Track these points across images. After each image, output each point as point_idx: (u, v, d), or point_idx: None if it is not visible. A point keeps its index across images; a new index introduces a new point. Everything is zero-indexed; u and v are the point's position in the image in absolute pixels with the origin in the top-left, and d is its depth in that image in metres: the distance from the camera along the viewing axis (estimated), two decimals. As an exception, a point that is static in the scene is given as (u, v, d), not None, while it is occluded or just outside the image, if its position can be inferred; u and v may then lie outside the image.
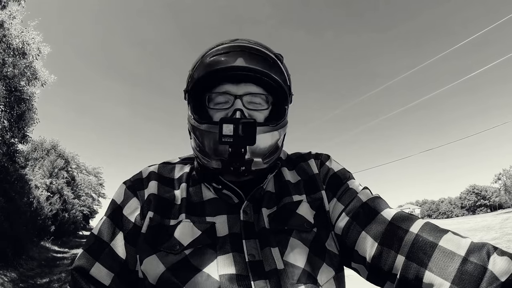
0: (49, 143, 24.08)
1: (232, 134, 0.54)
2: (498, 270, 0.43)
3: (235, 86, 0.61)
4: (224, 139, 0.54)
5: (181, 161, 0.72)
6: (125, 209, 0.62)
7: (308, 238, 0.60)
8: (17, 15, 8.95)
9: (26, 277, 8.19)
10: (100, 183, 40.92)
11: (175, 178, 0.67)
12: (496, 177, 59.61)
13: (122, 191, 0.65)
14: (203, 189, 0.65)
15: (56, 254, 13.30)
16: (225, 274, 0.53)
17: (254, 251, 0.56)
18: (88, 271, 0.58)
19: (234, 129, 0.54)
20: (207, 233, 0.57)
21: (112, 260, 0.59)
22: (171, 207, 0.62)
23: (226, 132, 0.54)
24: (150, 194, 0.63)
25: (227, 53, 0.61)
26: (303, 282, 0.54)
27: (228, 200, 0.63)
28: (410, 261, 0.50)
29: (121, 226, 0.61)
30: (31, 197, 13.31)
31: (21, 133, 10.14)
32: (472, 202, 76.48)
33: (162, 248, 0.56)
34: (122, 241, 0.60)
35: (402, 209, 0.59)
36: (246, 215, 0.60)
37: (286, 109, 0.67)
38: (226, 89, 0.62)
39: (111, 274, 0.58)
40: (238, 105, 0.60)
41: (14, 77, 9.02)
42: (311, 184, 0.67)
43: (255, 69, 0.60)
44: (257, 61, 0.61)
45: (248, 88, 0.62)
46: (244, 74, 0.61)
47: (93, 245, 0.60)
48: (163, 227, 0.59)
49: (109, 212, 0.63)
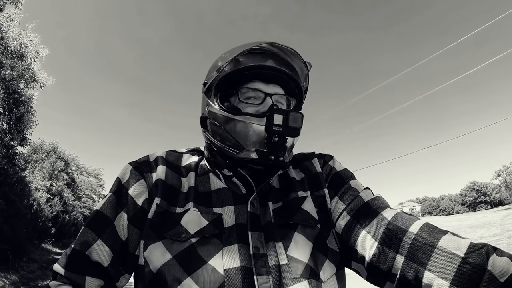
0: (49, 145, 24.07)
1: (281, 124, 0.57)
2: (497, 270, 0.43)
3: (266, 85, 0.64)
4: (274, 128, 0.57)
5: (189, 152, 0.72)
6: (131, 189, 0.60)
7: (313, 233, 0.60)
8: (14, 18, 8.94)
9: (27, 280, 8.20)
10: (100, 184, 40.91)
11: (183, 166, 0.67)
12: (496, 174, 59.66)
13: (127, 170, 0.63)
14: (211, 178, 0.65)
15: (57, 256, 13.29)
16: (231, 268, 0.53)
17: (258, 243, 0.56)
18: (87, 248, 0.56)
19: (283, 119, 0.57)
20: (214, 223, 0.57)
21: (114, 238, 0.57)
22: (178, 194, 0.61)
23: (276, 121, 0.57)
24: (158, 179, 0.61)
25: (261, 53, 0.64)
26: (306, 277, 0.54)
27: (236, 190, 0.63)
28: (409, 261, 0.50)
29: (125, 206, 0.59)
30: (31, 199, 13.32)
31: (20, 136, 10.13)
32: (473, 199, 76.68)
33: (168, 235, 0.56)
34: (126, 221, 0.58)
35: (402, 206, 0.61)
36: (253, 207, 0.61)
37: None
38: (257, 86, 0.64)
39: (111, 253, 0.57)
40: (271, 102, 0.63)
41: (13, 79, 9.01)
42: (315, 181, 0.68)
43: (286, 72, 0.64)
44: (287, 65, 0.65)
45: (276, 89, 0.65)
46: (275, 75, 0.64)
47: (96, 221, 0.59)
48: (170, 214, 0.58)
49: (114, 189, 0.62)
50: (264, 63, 0.62)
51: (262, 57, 0.63)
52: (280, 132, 0.57)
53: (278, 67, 0.63)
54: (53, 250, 14.46)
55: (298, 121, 0.58)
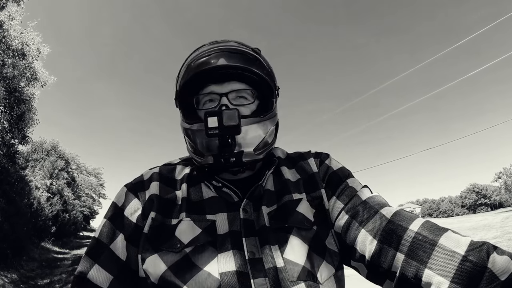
0: (49, 144, 24.08)
1: (217, 125, 0.56)
2: (497, 269, 0.43)
3: (220, 86, 0.64)
4: (210, 131, 0.56)
5: (182, 162, 0.73)
6: (126, 210, 0.62)
7: (308, 236, 0.59)
8: (16, 16, 8.96)
9: (26, 278, 8.20)
10: (100, 183, 40.91)
11: (176, 179, 0.68)
12: (497, 176, 59.48)
13: (123, 193, 0.65)
14: (203, 188, 0.65)
15: (57, 255, 13.30)
16: (225, 271, 0.53)
17: (254, 248, 0.56)
18: (87, 274, 0.58)
19: (218, 120, 0.56)
20: (208, 231, 0.58)
21: (112, 262, 0.59)
22: (173, 207, 0.62)
23: (211, 124, 0.56)
24: (152, 194, 0.63)
25: (207, 56, 0.63)
26: (302, 279, 0.54)
27: (228, 198, 0.63)
28: (409, 259, 0.50)
29: (121, 227, 0.61)
30: (31, 198, 13.33)
31: (21, 134, 10.15)
32: (473, 201, 76.60)
33: (164, 247, 0.56)
34: (123, 242, 0.60)
35: (402, 208, 0.59)
36: (246, 213, 0.60)
37: (274, 101, 0.69)
38: (211, 89, 0.64)
39: (110, 276, 0.58)
40: (224, 101, 0.63)
41: (14, 78, 9.03)
42: (311, 182, 0.67)
43: (236, 66, 0.62)
44: (237, 58, 0.63)
45: (232, 86, 0.64)
46: (226, 72, 0.63)
47: (93, 248, 0.61)
48: (165, 226, 0.59)
49: (109, 214, 0.63)
50: (211, 64, 0.62)
51: (209, 58, 0.63)
52: (217, 134, 0.56)
53: (226, 63, 0.62)
54: (53, 249, 14.45)
55: (233, 118, 0.56)
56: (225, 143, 0.58)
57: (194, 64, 0.64)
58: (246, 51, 0.66)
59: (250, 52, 0.66)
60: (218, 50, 0.64)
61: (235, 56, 0.63)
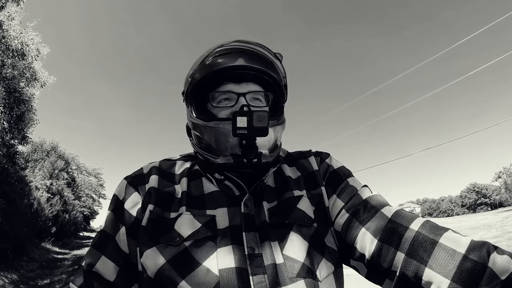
0: (49, 144, 24.10)
1: (246, 126, 0.56)
2: (498, 268, 0.43)
3: (237, 85, 0.63)
4: (239, 131, 0.56)
5: (182, 158, 0.73)
6: (126, 203, 0.63)
7: (308, 232, 0.59)
8: (15, 16, 8.95)
9: (27, 279, 8.19)
10: (100, 183, 40.94)
11: (176, 173, 0.68)
12: (497, 176, 59.56)
13: (123, 186, 0.65)
14: (204, 182, 0.65)
15: (57, 255, 13.30)
16: (225, 268, 0.53)
17: (253, 244, 0.56)
18: (94, 265, 0.59)
19: (248, 121, 0.56)
20: (207, 225, 0.57)
21: (117, 253, 0.60)
22: (172, 200, 0.62)
23: (240, 124, 0.56)
24: (150, 187, 0.63)
25: (227, 54, 0.63)
26: (302, 276, 0.54)
27: (229, 192, 0.63)
28: (410, 258, 0.50)
29: (123, 220, 0.61)
30: (31, 198, 13.33)
31: (21, 134, 10.15)
32: (473, 201, 76.65)
33: (162, 241, 0.56)
34: (125, 235, 0.61)
35: (402, 208, 0.59)
36: (246, 208, 0.60)
37: (283, 106, 0.70)
38: (229, 88, 0.63)
39: (117, 267, 0.59)
40: (242, 101, 0.62)
41: (13, 78, 9.03)
42: (311, 180, 0.68)
43: (256, 68, 0.62)
44: (257, 61, 0.63)
45: (249, 87, 0.64)
46: (245, 73, 0.63)
47: (99, 240, 0.62)
48: (163, 219, 0.59)
49: (112, 207, 0.64)
50: (233, 63, 0.61)
51: (230, 57, 0.62)
52: (245, 134, 0.56)
53: (247, 64, 0.61)
54: (53, 249, 14.45)
55: (263, 120, 0.56)
56: (252, 144, 0.58)
57: (214, 60, 0.63)
58: (267, 55, 0.66)
59: (271, 57, 0.66)
60: (239, 50, 0.63)
61: (256, 58, 0.63)
